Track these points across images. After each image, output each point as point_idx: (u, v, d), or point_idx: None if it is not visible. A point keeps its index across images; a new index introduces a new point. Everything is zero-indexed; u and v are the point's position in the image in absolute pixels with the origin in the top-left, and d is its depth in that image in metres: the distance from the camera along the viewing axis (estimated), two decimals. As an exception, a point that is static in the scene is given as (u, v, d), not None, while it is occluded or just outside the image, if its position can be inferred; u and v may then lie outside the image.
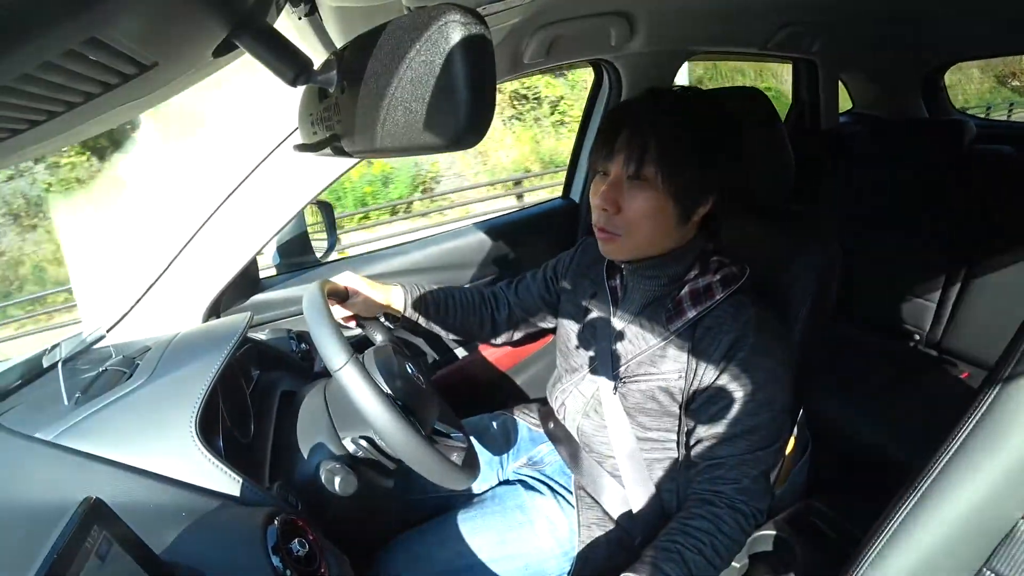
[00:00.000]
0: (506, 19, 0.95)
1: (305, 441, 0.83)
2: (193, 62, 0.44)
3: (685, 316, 0.86)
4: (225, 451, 0.77)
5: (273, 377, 1.01)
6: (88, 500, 0.48)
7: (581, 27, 1.22)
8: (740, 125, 0.86)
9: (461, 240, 1.58)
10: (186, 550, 0.58)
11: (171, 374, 0.82)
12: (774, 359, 0.83)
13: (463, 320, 1.12)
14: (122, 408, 0.77)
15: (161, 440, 0.73)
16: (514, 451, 1.11)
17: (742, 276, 0.87)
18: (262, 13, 0.45)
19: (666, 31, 1.38)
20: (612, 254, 0.89)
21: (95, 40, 0.30)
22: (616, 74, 1.55)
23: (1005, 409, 0.70)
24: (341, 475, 0.76)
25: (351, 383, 0.72)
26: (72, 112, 0.36)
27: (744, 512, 0.80)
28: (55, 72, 0.31)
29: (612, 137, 0.84)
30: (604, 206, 0.84)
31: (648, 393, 0.88)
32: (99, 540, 0.47)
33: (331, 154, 0.53)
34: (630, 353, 0.90)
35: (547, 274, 1.13)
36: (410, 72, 0.42)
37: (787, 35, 1.65)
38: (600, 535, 0.94)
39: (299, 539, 0.65)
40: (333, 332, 0.75)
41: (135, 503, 0.65)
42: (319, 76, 0.48)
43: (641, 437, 0.91)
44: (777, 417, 0.82)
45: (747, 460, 0.81)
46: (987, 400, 0.71)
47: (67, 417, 0.76)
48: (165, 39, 0.37)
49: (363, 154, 0.52)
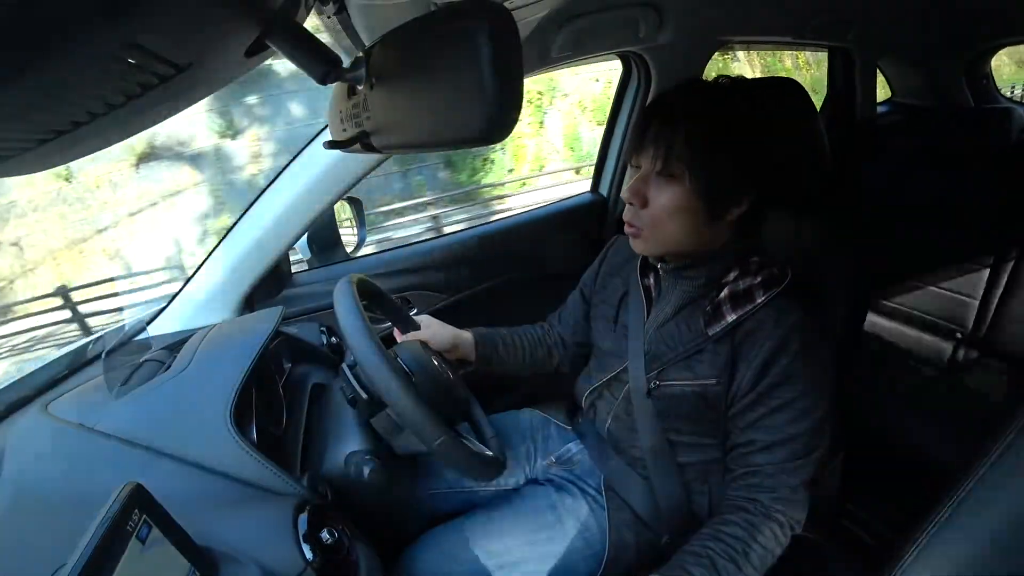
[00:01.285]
0: (533, 13, 0.94)
1: (335, 433, 0.84)
2: (226, 62, 0.45)
3: (724, 320, 0.83)
4: (258, 441, 0.79)
5: (304, 370, 1.03)
6: (129, 485, 0.50)
7: (609, 19, 1.21)
8: (772, 115, 0.83)
9: (490, 234, 1.58)
10: (220, 536, 0.60)
11: (206, 366, 0.84)
12: (817, 366, 0.79)
13: (531, 357, 1.14)
14: (160, 398, 0.80)
15: (197, 429, 0.75)
16: (542, 449, 1.10)
17: (784, 278, 0.83)
18: (293, 12, 0.46)
19: (696, 20, 1.35)
20: (640, 249, 0.87)
21: (133, 43, 0.31)
22: (645, 66, 1.52)
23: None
24: (370, 467, 0.77)
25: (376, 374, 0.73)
26: (112, 113, 0.37)
27: (780, 522, 0.78)
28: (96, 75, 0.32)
29: (643, 130, 0.82)
30: (631, 199, 0.83)
31: (683, 398, 0.86)
32: (140, 523, 0.49)
33: (361, 150, 0.53)
34: (665, 356, 0.88)
35: (582, 290, 1.13)
36: (438, 68, 0.42)
37: (822, 22, 1.59)
38: (630, 537, 0.92)
39: (328, 528, 0.66)
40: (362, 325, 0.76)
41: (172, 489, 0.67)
42: (348, 74, 0.49)
43: (674, 440, 0.89)
44: (818, 425, 0.79)
45: (786, 469, 0.78)
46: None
47: (110, 406, 0.79)
48: (199, 40, 0.38)
49: (392, 150, 0.53)
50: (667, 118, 0.80)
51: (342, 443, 0.82)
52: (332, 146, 0.56)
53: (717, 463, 0.88)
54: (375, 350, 0.74)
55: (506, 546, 0.90)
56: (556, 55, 1.23)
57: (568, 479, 1.00)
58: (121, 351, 0.95)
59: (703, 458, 0.89)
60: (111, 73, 0.33)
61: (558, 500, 0.96)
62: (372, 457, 0.79)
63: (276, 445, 0.86)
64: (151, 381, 0.83)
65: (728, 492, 0.83)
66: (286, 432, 0.89)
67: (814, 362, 0.79)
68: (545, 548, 0.90)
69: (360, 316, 0.78)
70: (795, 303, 0.81)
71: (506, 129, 0.41)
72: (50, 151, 0.40)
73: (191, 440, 0.74)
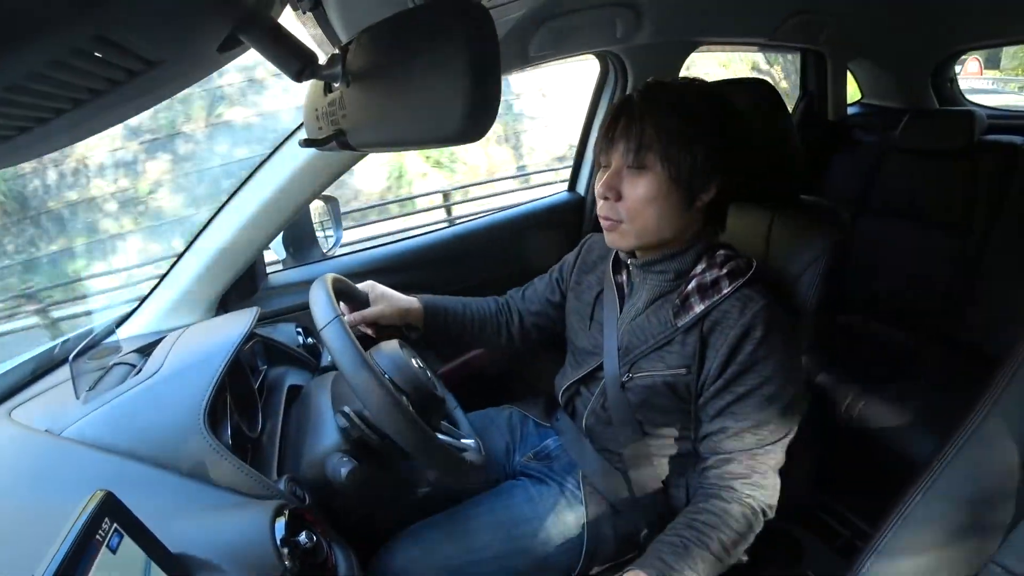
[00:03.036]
0: (511, 12, 0.95)
1: (312, 435, 0.83)
2: (199, 58, 0.44)
3: (692, 311, 0.85)
4: (233, 444, 0.78)
5: (280, 371, 1.02)
6: (99, 493, 0.49)
7: (587, 18, 1.21)
8: (741, 112, 0.86)
9: (468, 234, 1.58)
10: (195, 542, 0.59)
11: (179, 368, 0.83)
12: (782, 353, 0.82)
13: (479, 332, 1.13)
14: (132, 402, 0.77)
15: (170, 433, 0.73)
16: (521, 445, 1.11)
17: (749, 269, 0.86)
18: (267, 8, 0.45)
19: (673, 21, 1.36)
20: (617, 243, 0.89)
21: (102, 37, 0.30)
22: (622, 66, 1.54)
23: (1014, 402, 0.70)
24: (347, 468, 0.76)
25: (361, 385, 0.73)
26: (79, 109, 0.36)
27: (752, 508, 0.80)
28: (63, 70, 0.31)
29: (612, 128, 0.85)
30: (605, 194, 0.85)
31: (655, 388, 0.88)
32: (110, 532, 0.47)
33: (337, 148, 0.53)
34: (637, 348, 0.90)
35: (553, 276, 1.14)
36: (415, 66, 0.42)
37: (795, 25, 1.63)
38: (608, 530, 0.94)
39: (306, 532, 0.65)
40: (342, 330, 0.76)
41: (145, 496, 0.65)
42: (324, 71, 0.48)
43: (649, 432, 0.91)
44: (786, 411, 0.82)
45: (756, 455, 0.81)
46: (998, 390, 0.71)
47: (77, 411, 0.77)
48: (171, 36, 0.37)
49: (368, 148, 0.52)
50: (635, 114, 0.82)
51: (319, 445, 0.81)
52: (308, 144, 0.56)
53: (693, 455, 0.90)
54: (362, 364, 0.74)
55: (484, 541, 0.91)
56: (534, 54, 1.23)
57: (546, 473, 1.01)
58: (89, 354, 0.92)
59: (679, 450, 0.91)
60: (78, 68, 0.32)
61: (536, 494, 0.97)
62: (350, 458, 0.78)
63: (252, 448, 0.84)
64: (121, 385, 0.80)
65: (701, 480, 0.85)
66: (262, 435, 0.87)
67: (780, 349, 0.82)
68: (523, 542, 0.91)
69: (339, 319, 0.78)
70: (760, 293, 0.84)
71: (483, 128, 0.41)
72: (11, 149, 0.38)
73: (164, 444, 0.72)
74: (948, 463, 0.73)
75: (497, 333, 1.14)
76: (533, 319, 1.14)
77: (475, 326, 1.12)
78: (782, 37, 1.68)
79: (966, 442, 0.72)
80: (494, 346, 1.17)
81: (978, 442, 0.71)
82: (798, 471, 0.90)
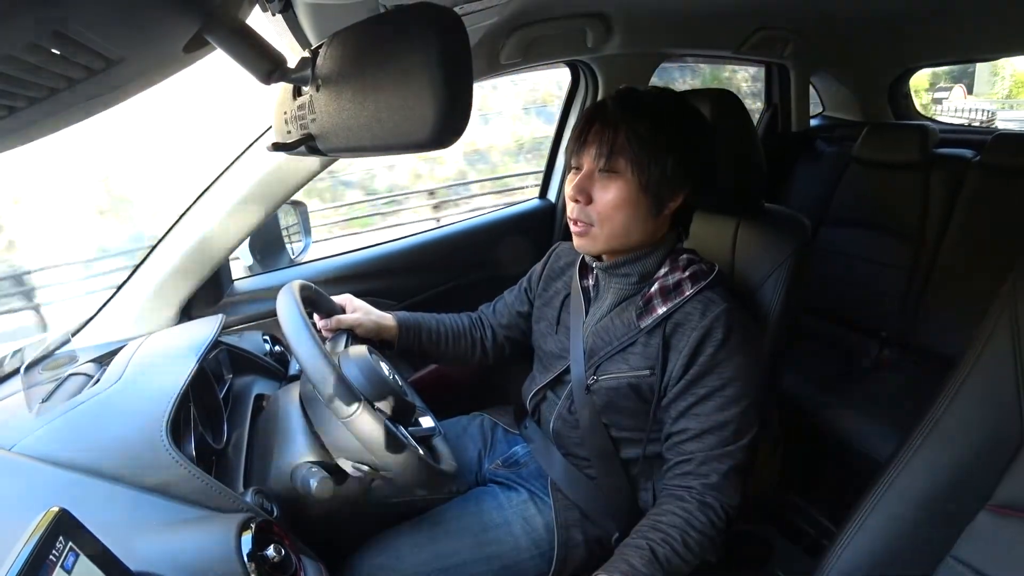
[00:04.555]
0: (483, 19, 0.95)
1: (280, 445, 0.81)
2: (162, 57, 0.43)
3: (655, 313, 0.87)
4: (197, 456, 0.76)
5: (246, 380, 0.99)
6: (52, 511, 0.46)
7: (558, 28, 1.23)
8: (711, 124, 0.88)
9: (438, 240, 1.57)
10: (157, 560, 0.57)
11: (140, 378, 0.80)
12: (743, 355, 0.84)
13: (453, 348, 1.13)
14: (89, 414, 0.74)
15: (130, 446, 0.70)
16: (490, 452, 1.11)
17: (711, 273, 0.88)
18: (234, 8, 0.45)
19: (642, 33, 1.39)
20: (586, 247, 0.90)
21: (59, 33, 0.29)
22: (592, 75, 1.56)
23: (967, 403, 0.73)
24: (317, 478, 0.75)
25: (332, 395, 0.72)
26: (35, 107, 0.34)
27: (714, 507, 0.81)
28: (15, 65, 0.30)
29: (585, 131, 0.86)
30: (576, 196, 0.86)
31: (620, 390, 0.89)
32: (65, 552, 0.45)
33: (306, 153, 0.52)
34: (601, 351, 0.91)
35: (522, 287, 1.15)
36: (386, 71, 0.41)
37: (760, 39, 1.69)
38: (578, 535, 0.94)
39: (275, 545, 0.63)
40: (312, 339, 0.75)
41: (102, 512, 0.63)
42: (293, 74, 0.48)
43: (615, 436, 0.92)
44: (747, 413, 0.84)
45: (716, 455, 0.82)
46: (949, 395, 0.74)
47: (30, 424, 0.73)
48: (132, 33, 0.36)
49: (338, 153, 0.52)
50: (609, 119, 0.84)
51: (287, 455, 0.79)
52: (277, 148, 0.55)
53: (658, 458, 0.91)
54: (329, 369, 0.73)
55: (453, 547, 0.90)
56: (505, 62, 1.24)
57: (515, 480, 1.01)
58: (42, 364, 0.88)
59: (645, 453, 0.92)
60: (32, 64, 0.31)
61: (505, 500, 0.97)
62: (319, 468, 0.76)
63: (217, 460, 0.82)
64: (77, 396, 0.77)
65: (665, 481, 0.86)
66: (228, 446, 0.85)
67: (740, 352, 0.84)
68: (492, 548, 0.91)
69: (306, 326, 0.76)
70: (721, 296, 0.86)
71: (454, 135, 0.41)
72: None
73: (123, 458, 0.69)
74: (907, 462, 0.76)
75: (471, 349, 1.15)
76: (504, 332, 1.15)
77: (449, 342, 1.12)
78: (747, 51, 1.73)
79: (924, 441, 0.75)
80: (468, 362, 1.16)
81: (935, 440, 0.74)
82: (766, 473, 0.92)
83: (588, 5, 1.20)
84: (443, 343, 1.12)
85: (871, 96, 2.29)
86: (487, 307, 1.19)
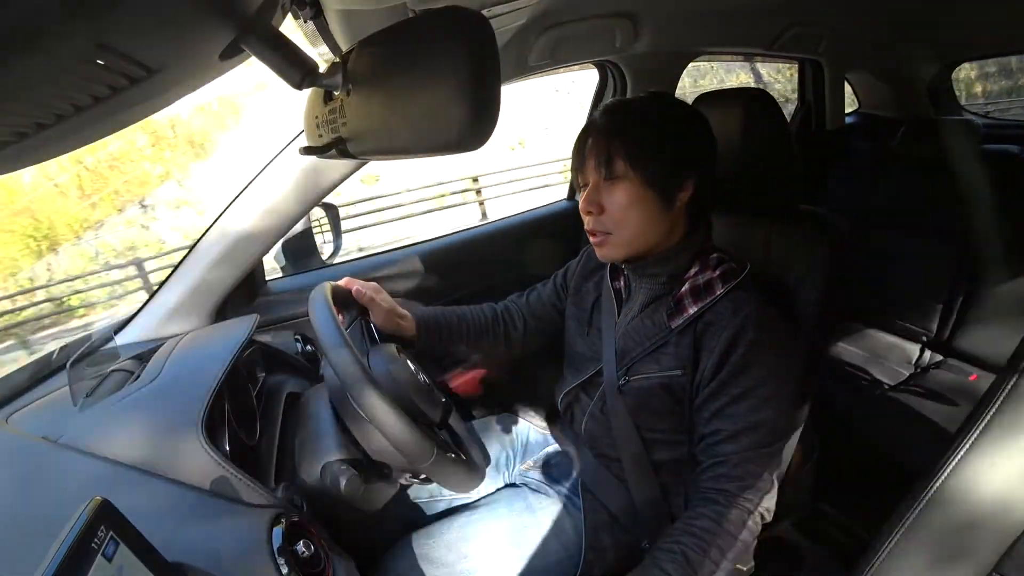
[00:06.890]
0: (511, 21, 0.95)
1: (311, 443, 0.83)
2: (200, 65, 0.45)
3: (686, 313, 0.86)
4: (231, 453, 0.77)
5: (279, 379, 1.02)
6: (95, 501, 0.48)
7: (586, 28, 1.22)
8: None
9: (467, 242, 1.58)
10: (192, 551, 0.58)
11: (177, 375, 0.82)
12: (776, 355, 0.82)
13: (476, 342, 1.13)
14: (129, 409, 0.77)
15: (167, 441, 0.73)
16: (520, 454, 1.11)
17: (742, 272, 0.87)
18: (268, 16, 0.46)
19: (671, 32, 1.37)
20: (609, 255, 0.90)
21: (104, 45, 0.30)
22: (621, 75, 1.55)
23: (1018, 409, 0.70)
24: (346, 476, 0.76)
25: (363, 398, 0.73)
26: (79, 116, 0.36)
27: (750, 511, 0.79)
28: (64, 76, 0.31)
29: (581, 148, 0.88)
30: (588, 209, 0.86)
31: (652, 391, 0.88)
32: (106, 540, 0.47)
33: (337, 156, 0.53)
34: (633, 351, 0.90)
35: (557, 282, 1.14)
36: (415, 75, 0.42)
37: (793, 35, 1.64)
38: (607, 538, 0.93)
39: (304, 541, 0.65)
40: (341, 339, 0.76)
41: (141, 504, 0.65)
42: (325, 79, 0.48)
43: (647, 438, 0.91)
44: (781, 414, 0.82)
45: (751, 457, 0.80)
46: (997, 401, 0.71)
47: (75, 417, 0.76)
48: (172, 43, 0.37)
49: (368, 156, 0.53)
50: (600, 130, 0.85)
51: (318, 453, 0.81)
52: (308, 152, 0.56)
53: (691, 461, 0.89)
54: (358, 369, 0.74)
55: (482, 549, 0.90)
56: (533, 63, 1.24)
57: (544, 481, 1.00)
58: (87, 361, 0.92)
59: (677, 456, 0.90)
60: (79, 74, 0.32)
61: (535, 501, 0.97)
62: (349, 467, 0.77)
63: (250, 456, 0.84)
64: (119, 391, 0.80)
65: (697, 484, 0.84)
66: (260, 443, 0.87)
67: (772, 351, 0.82)
68: (522, 550, 0.91)
69: (337, 327, 0.78)
70: (752, 295, 0.85)
71: (483, 137, 0.41)
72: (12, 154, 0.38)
73: (161, 452, 0.72)
74: (949, 472, 0.72)
75: (495, 341, 1.14)
76: (536, 323, 1.14)
77: (472, 337, 1.12)
78: (781, 48, 1.69)
79: (967, 452, 0.71)
80: (493, 354, 1.17)
81: (980, 451, 0.71)
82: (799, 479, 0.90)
83: (617, 5, 1.19)
84: (466, 338, 1.11)
85: (910, 91, 2.20)
86: (518, 297, 1.18)
